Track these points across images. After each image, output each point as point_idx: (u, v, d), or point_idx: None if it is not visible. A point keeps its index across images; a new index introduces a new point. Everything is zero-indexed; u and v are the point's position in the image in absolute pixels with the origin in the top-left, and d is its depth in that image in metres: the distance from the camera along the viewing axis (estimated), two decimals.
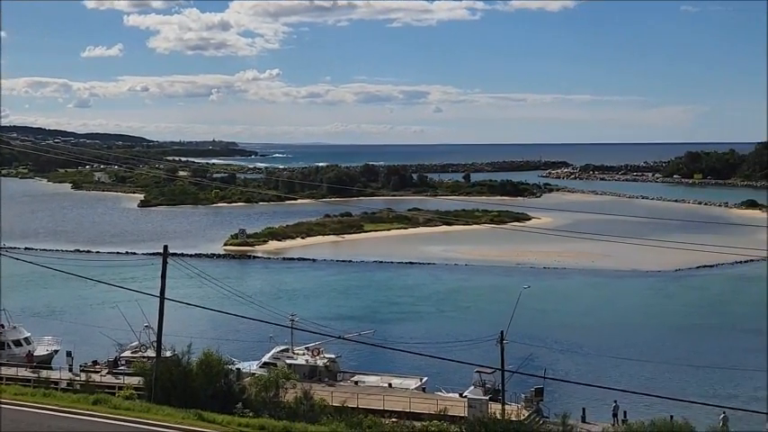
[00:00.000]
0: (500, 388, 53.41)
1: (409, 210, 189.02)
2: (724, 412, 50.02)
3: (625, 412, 54.46)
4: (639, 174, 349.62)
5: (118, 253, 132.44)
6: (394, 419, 50.72)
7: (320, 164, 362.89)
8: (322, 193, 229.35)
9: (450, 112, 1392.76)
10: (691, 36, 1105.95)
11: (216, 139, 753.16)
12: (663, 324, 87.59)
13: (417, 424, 49.39)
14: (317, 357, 64.13)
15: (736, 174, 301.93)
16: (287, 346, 64.73)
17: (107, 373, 62.23)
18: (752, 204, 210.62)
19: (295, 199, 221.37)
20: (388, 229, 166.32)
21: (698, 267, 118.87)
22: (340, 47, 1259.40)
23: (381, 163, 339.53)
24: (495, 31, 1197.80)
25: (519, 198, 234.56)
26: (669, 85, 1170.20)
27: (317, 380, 61.04)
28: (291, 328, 61.30)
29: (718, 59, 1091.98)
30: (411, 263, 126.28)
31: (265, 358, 63.88)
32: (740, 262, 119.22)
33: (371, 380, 62.80)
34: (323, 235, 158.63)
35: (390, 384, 61.03)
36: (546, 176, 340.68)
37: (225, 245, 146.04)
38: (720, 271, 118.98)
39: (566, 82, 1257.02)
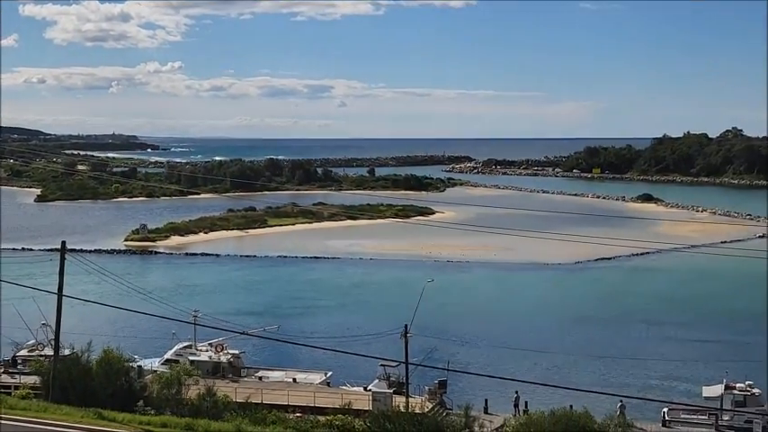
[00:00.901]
0: (404, 381, 53.97)
1: (314, 204, 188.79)
2: (621, 401, 51.54)
3: (526, 402, 55.54)
4: (540, 168, 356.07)
5: (13, 249, 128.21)
6: (298, 414, 50.69)
7: (219, 158, 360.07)
8: (225, 188, 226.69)
9: (354, 107, 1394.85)
10: (589, 34, 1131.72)
11: (116, 133, 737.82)
12: (562, 315, 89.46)
13: (322, 418, 49.58)
14: (221, 353, 63.58)
15: (633, 168, 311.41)
16: (190, 343, 63.95)
17: (2, 373, 60.49)
18: (647, 198, 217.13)
19: (197, 193, 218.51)
20: (293, 224, 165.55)
21: (597, 260, 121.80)
22: (243, 40, 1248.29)
23: (285, 157, 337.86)
24: (399, 27, 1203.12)
25: (423, 192, 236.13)
26: (568, 81, 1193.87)
27: (221, 376, 60.52)
28: (194, 324, 60.57)
29: (615, 56, 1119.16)
30: (316, 257, 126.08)
31: (168, 355, 62.97)
32: (636, 254, 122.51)
33: (276, 375, 62.60)
34: (226, 230, 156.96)
35: (295, 379, 60.97)
36: (450, 171, 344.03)
37: (125, 240, 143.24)
38: (618, 263, 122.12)
39: (470, 78, 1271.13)
